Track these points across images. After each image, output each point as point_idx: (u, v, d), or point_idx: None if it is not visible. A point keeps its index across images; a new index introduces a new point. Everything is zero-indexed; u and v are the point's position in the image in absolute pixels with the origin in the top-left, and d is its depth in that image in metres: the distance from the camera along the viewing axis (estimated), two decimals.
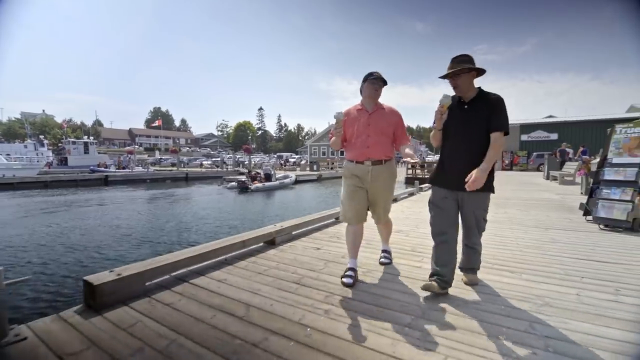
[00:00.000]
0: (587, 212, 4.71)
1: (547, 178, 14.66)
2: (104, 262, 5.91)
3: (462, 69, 2.08)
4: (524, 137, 30.85)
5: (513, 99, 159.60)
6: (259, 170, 18.57)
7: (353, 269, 2.49)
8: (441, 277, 2.17)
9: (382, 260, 2.92)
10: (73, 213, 11.35)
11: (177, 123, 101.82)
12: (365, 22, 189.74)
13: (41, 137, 51.44)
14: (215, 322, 1.85)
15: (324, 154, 47.10)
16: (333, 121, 2.46)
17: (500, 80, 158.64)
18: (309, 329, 1.77)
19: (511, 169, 27.41)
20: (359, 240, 2.60)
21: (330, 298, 2.17)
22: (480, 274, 2.44)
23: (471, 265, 2.37)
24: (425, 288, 2.15)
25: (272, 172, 17.77)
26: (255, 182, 16.49)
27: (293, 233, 3.80)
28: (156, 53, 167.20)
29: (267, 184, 16.65)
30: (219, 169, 34.60)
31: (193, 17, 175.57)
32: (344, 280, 2.42)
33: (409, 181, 18.54)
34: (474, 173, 2.00)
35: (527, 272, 2.63)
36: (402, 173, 21.39)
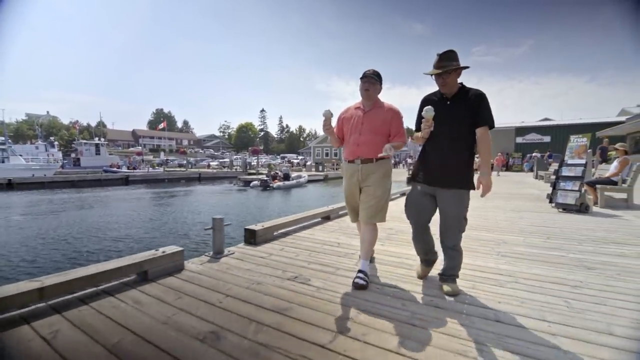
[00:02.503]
0: (551, 200, 6.33)
1: (536, 177, 16.34)
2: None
3: (452, 68, 2.09)
4: (519, 140, 32.46)
5: (511, 100, 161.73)
6: (277, 171, 20.37)
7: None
8: (427, 260, 2.47)
9: (357, 280, 2.36)
10: (161, 203, 14.87)
11: (179, 124, 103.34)
12: (363, 22, 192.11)
13: (51, 138, 52.81)
14: (325, 247, 3.46)
15: (327, 154, 48.79)
16: (333, 123, 2.56)
17: (498, 82, 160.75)
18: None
19: (507, 170, 29.05)
20: None
21: (382, 240, 3.76)
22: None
23: (450, 271, 2.27)
24: (419, 276, 2.50)
25: (290, 172, 19.70)
26: (276, 180, 18.36)
27: (340, 212, 5.40)
28: (155, 54, 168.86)
29: (286, 182, 18.55)
30: (228, 170, 36.22)
31: (192, 17, 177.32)
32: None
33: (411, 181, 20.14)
34: (481, 181, 2.16)
35: (496, 231, 4.24)
36: (403, 173, 23.00)
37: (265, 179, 18.31)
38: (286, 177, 19.32)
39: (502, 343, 1.63)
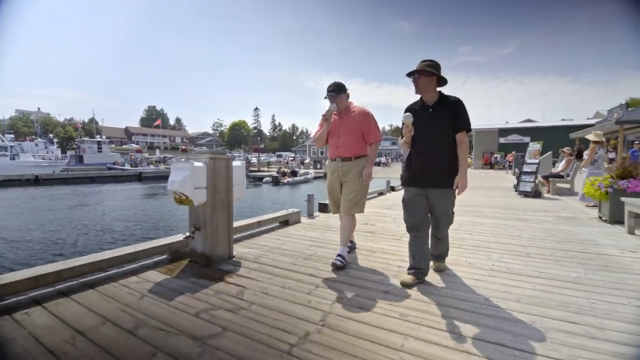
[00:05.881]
0: (516, 189, 8.68)
1: (514, 174, 18.91)
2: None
3: (422, 70, 2.31)
4: (502, 140, 35.05)
5: (497, 99, 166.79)
6: (286, 169, 22.58)
7: (351, 241, 3.27)
8: (419, 270, 2.47)
9: (335, 262, 2.77)
10: None
11: (171, 122, 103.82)
12: (351, 21, 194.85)
13: (50, 135, 53.43)
14: (374, 211, 5.66)
15: (322, 153, 51.11)
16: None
17: (484, 82, 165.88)
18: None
19: (491, 168, 31.66)
20: None
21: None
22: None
23: (439, 253, 2.69)
24: (404, 285, 2.39)
25: (298, 170, 21.98)
26: (286, 177, 20.57)
27: (369, 197, 7.62)
28: (145, 51, 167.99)
29: (295, 178, 20.77)
30: None
31: (181, 15, 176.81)
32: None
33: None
34: (458, 181, 2.36)
35: (475, 206, 6.52)
36: (398, 171, 25.34)
37: (276, 175, 20.55)
38: (294, 173, 21.59)
39: (473, 240, 3.86)
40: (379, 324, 1.88)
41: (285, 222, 4.64)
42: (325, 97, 2.84)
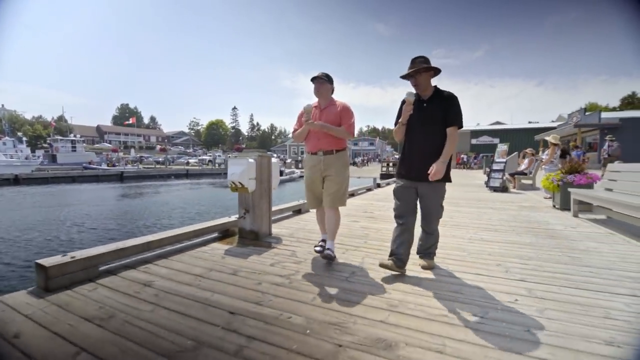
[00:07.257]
0: (487, 185, 9.89)
1: (484, 173, 20.51)
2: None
3: (421, 68, 2.34)
4: (474, 141, 37.08)
5: (469, 102, 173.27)
6: None
7: (324, 240, 3.04)
8: (397, 257, 2.52)
9: (327, 252, 2.80)
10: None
11: (146, 120, 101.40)
12: (328, 21, 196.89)
13: (19, 134, 51.20)
14: (358, 206, 6.59)
15: (302, 152, 52.02)
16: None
17: (456, 84, 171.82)
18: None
19: (463, 168, 33.54)
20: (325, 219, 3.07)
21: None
22: None
23: (428, 247, 2.67)
24: (382, 266, 2.53)
25: (283, 168, 22.59)
26: None
27: (359, 192, 8.54)
28: (116, 46, 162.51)
29: (281, 178, 21.39)
30: (213, 167, 38.14)
31: (155, 9, 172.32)
32: (316, 248, 3.00)
33: (384, 177, 23.60)
34: (434, 166, 2.32)
35: (452, 199, 7.58)
36: (378, 170, 26.62)
37: None
38: (279, 173, 22.34)
39: (454, 221, 4.85)
40: None
41: (298, 211, 5.48)
42: (313, 79, 2.86)
